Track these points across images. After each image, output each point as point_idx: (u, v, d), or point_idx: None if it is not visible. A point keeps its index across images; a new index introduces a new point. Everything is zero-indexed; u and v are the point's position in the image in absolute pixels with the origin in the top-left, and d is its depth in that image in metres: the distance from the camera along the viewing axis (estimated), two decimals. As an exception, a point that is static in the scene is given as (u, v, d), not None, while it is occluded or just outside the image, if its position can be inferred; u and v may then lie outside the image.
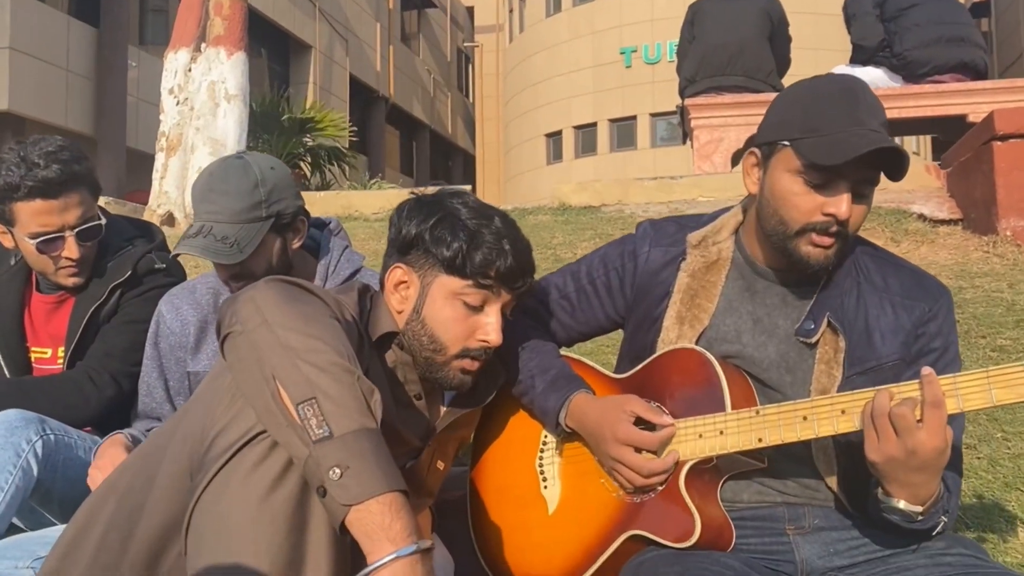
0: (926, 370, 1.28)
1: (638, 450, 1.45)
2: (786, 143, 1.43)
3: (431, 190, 1.65)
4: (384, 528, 1.08)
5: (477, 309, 1.49)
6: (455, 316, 1.49)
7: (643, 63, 21.33)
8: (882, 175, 1.43)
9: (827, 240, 1.41)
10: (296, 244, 1.89)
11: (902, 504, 1.33)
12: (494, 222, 1.51)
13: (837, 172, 1.38)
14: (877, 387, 1.33)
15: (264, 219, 1.79)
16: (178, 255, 1.88)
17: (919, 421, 1.26)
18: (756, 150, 1.52)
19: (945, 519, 1.37)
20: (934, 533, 1.38)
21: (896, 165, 1.38)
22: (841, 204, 1.39)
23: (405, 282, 1.52)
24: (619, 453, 1.46)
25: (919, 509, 1.33)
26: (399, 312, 1.52)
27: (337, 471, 1.09)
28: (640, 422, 1.47)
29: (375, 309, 1.54)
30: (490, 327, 1.49)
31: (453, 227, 1.49)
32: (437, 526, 1.71)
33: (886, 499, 1.34)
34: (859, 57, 5.49)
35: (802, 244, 1.43)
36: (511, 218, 1.57)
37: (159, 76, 7.13)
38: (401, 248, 1.54)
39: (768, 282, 1.54)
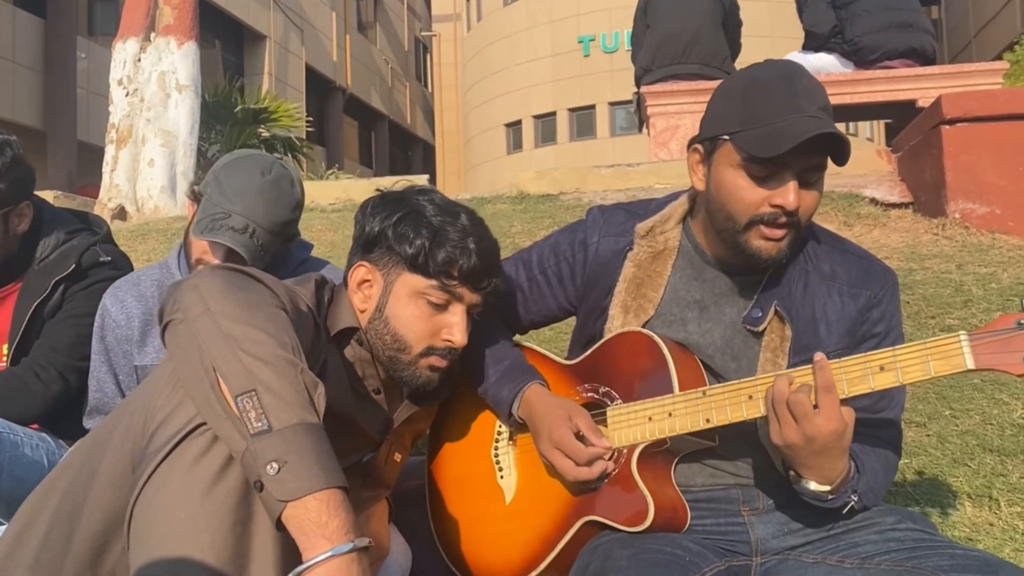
0: (818, 356, 1.30)
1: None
2: (726, 137, 1.42)
3: (391, 181, 1.63)
4: (320, 525, 1.06)
5: (441, 308, 1.47)
6: (419, 314, 1.47)
7: (601, 52, 21.37)
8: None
9: (778, 232, 1.40)
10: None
11: (812, 485, 1.35)
12: (460, 220, 1.49)
13: (781, 162, 1.36)
14: (787, 371, 1.35)
15: (286, 236, 1.87)
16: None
17: (815, 406, 1.28)
18: (699, 146, 1.50)
19: (855, 498, 1.38)
20: (844, 511, 1.40)
21: (838, 150, 1.36)
22: (788, 194, 1.37)
23: (368, 280, 1.50)
24: (551, 455, 1.48)
25: (827, 488, 1.35)
26: (362, 311, 1.50)
27: (275, 466, 1.07)
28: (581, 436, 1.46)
29: (335, 303, 1.51)
30: (455, 327, 1.47)
31: (417, 224, 1.46)
32: (395, 516, 1.70)
33: (796, 480, 1.38)
34: (811, 44, 5.53)
35: (753, 238, 1.41)
36: (479, 217, 1.54)
37: (109, 67, 6.98)
38: (364, 246, 1.51)
39: (716, 271, 1.54)
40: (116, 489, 1.19)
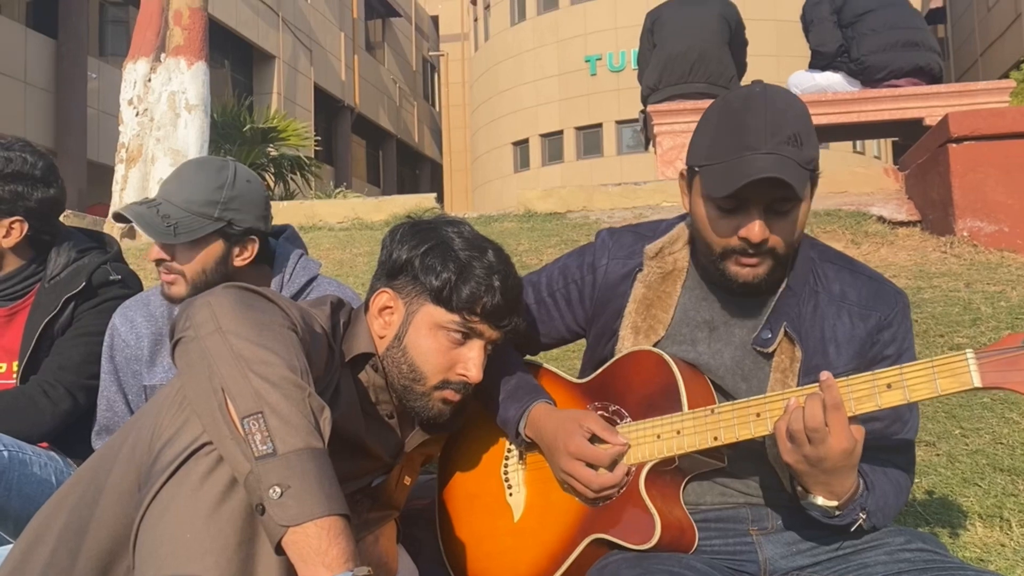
0: (824, 375, 1.29)
1: (591, 464, 1.45)
2: (697, 169, 1.44)
3: (400, 199, 1.64)
4: (320, 553, 1.05)
5: (460, 343, 1.47)
6: (437, 347, 1.46)
7: (608, 71, 21.48)
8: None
9: (752, 260, 1.41)
10: (240, 261, 1.86)
11: (820, 500, 1.36)
12: (487, 256, 1.49)
13: (742, 196, 1.37)
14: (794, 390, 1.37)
15: (213, 219, 1.79)
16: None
17: (826, 425, 1.28)
18: (684, 172, 1.52)
19: (863, 515, 1.38)
20: (852, 529, 1.39)
21: (794, 185, 1.34)
22: (752, 228, 1.37)
23: (390, 307, 1.50)
24: (570, 467, 1.46)
25: (835, 504, 1.36)
26: (381, 337, 1.50)
27: (277, 490, 1.06)
28: (596, 439, 1.46)
29: (353, 326, 1.51)
30: (471, 363, 1.47)
31: (444, 257, 1.46)
32: (403, 535, 1.69)
33: (804, 496, 1.38)
34: (818, 63, 5.56)
35: (729, 265, 1.43)
36: (506, 254, 1.54)
37: (119, 87, 7.04)
38: (390, 272, 1.51)
39: (725, 291, 1.53)
40: (122, 507, 1.19)
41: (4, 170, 2.02)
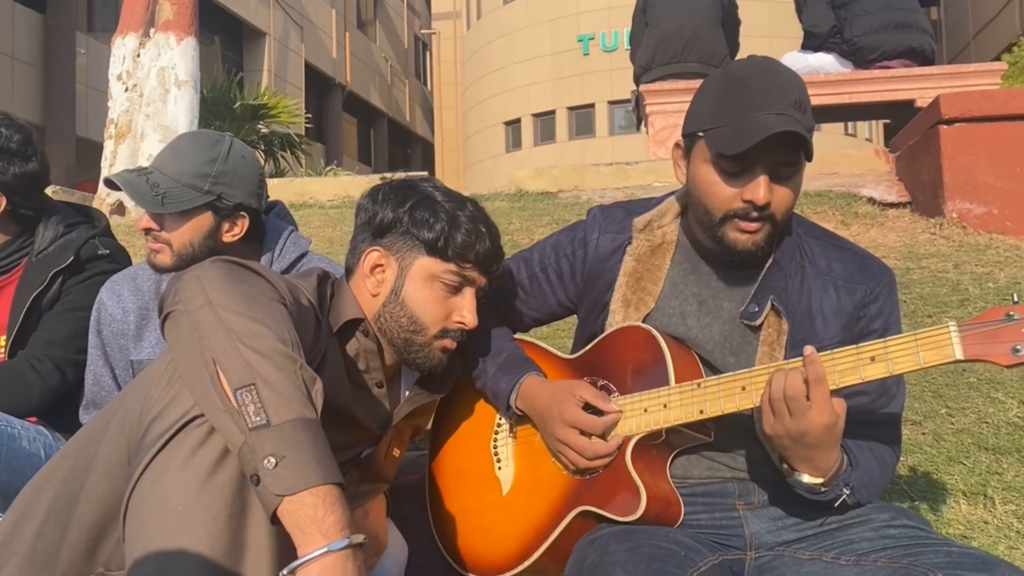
0: (807, 349, 1.31)
1: (584, 433, 1.47)
2: (700, 134, 1.45)
3: (393, 176, 1.66)
4: (316, 521, 1.06)
5: (455, 291, 1.51)
6: (434, 297, 1.50)
7: (601, 51, 21.37)
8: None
9: (752, 225, 1.42)
10: (229, 237, 1.85)
11: (804, 478, 1.37)
12: (467, 206, 1.54)
13: (750, 158, 1.38)
14: (778, 364, 1.37)
15: (203, 192, 1.79)
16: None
17: (807, 399, 1.29)
18: (680, 141, 1.53)
19: (847, 491, 1.39)
20: (836, 504, 1.40)
21: (804, 146, 1.38)
22: (758, 190, 1.39)
23: (381, 265, 1.52)
24: (565, 435, 1.48)
25: (820, 481, 1.37)
26: (374, 295, 1.52)
27: (272, 460, 1.07)
28: (588, 407, 1.48)
29: (337, 296, 1.52)
30: (466, 309, 1.52)
31: (433, 210, 1.50)
32: (393, 511, 1.70)
33: (790, 473, 1.39)
34: (810, 43, 5.54)
35: (729, 231, 1.44)
36: (479, 204, 1.59)
37: (108, 63, 6.97)
38: (377, 231, 1.53)
39: (713, 265, 1.55)
40: (112, 480, 1.19)
41: None
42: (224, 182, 1.80)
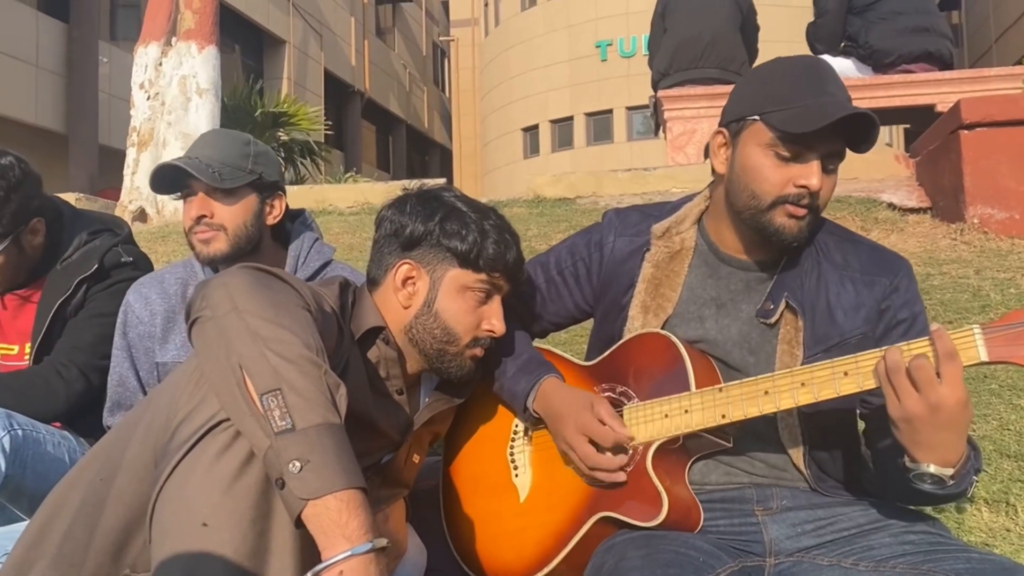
0: (935, 326, 1.25)
1: (593, 444, 1.48)
2: (755, 117, 1.45)
3: (411, 184, 1.68)
4: (340, 525, 1.08)
5: (483, 301, 1.54)
6: (466, 308, 1.52)
7: (619, 56, 21.36)
8: (848, 153, 1.45)
9: (801, 211, 1.43)
10: (271, 219, 1.95)
11: (932, 468, 1.25)
12: (491, 216, 1.56)
13: (807, 144, 1.40)
14: (883, 348, 1.29)
15: (247, 171, 1.89)
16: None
17: (937, 375, 1.22)
18: (724, 129, 1.54)
19: (976, 478, 1.33)
20: (968, 495, 1.37)
21: (865, 134, 1.40)
22: (812, 175, 1.41)
23: (412, 278, 1.54)
24: (574, 440, 1.49)
25: (950, 472, 1.26)
26: (406, 307, 1.53)
27: (297, 464, 1.09)
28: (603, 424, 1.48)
29: (359, 304, 1.54)
30: (495, 317, 1.55)
31: (463, 221, 1.52)
32: (412, 516, 1.71)
33: (914, 465, 1.27)
34: (820, 33, 5.55)
35: (776, 216, 1.44)
36: (499, 211, 1.61)
37: (131, 71, 7.05)
38: (406, 244, 1.55)
39: (731, 268, 1.56)
40: (139, 483, 1.21)
41: None
42: (261, 162, 1.92)
